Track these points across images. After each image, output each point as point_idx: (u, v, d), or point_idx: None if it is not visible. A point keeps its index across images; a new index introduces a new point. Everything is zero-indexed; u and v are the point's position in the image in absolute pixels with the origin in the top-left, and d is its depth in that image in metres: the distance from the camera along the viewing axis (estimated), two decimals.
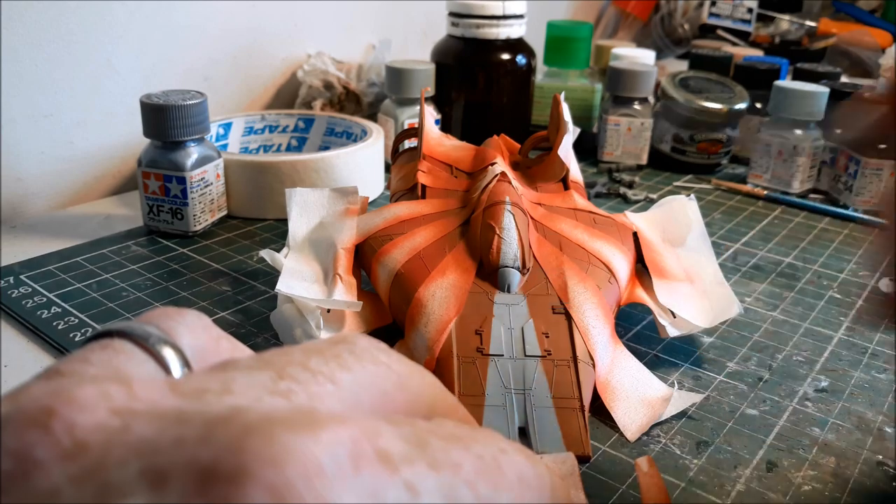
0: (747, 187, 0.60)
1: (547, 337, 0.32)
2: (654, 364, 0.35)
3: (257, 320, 0.38)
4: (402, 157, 0.46)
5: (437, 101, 0.64)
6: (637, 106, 0.64)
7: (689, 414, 0.31)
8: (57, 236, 0.48)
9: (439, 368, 0.31)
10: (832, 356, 0.37)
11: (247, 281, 0.42)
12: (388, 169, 0.60)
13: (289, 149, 0.62)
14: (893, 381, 0.34)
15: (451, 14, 0.64)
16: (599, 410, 0.31)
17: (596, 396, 0.31)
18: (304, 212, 0.39)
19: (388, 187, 0.57)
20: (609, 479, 0.27)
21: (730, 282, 0.44)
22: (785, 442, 0.30)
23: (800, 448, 0.29)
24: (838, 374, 0.35)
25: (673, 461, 0.28)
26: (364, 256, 0.37)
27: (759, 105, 0.67)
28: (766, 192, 0.59)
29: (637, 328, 0.38)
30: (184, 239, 0.47)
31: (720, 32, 1.00)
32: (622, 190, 0.59)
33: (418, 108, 0.60)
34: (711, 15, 1.00)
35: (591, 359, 0.31)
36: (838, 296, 0.43)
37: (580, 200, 0.40)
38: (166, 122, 0.45)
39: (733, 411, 0.32)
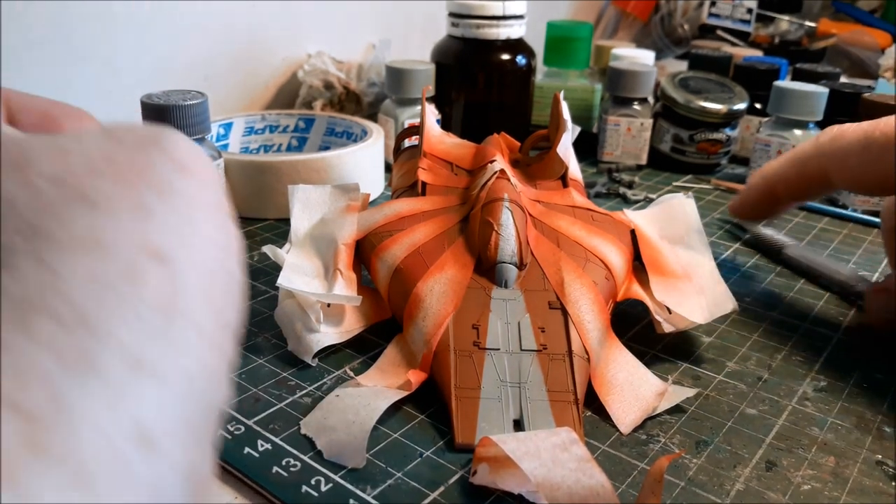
0: None
1: (543, 331, 0.32)
2: (653, 363, 0.35)
3: (257, 320, 0.38)
4: (403, 155, 0.46)
5: (437, 101, 0.64)
6: (637, 106, 0.64)
7: (689, 413, 0.31)
8: None
9: (436, 362, 0.31)
10: (832, 356, 0.36)
11: (247, 281, 0.42)
12: (388, 169, 0.60)
13: (289, 149, 0.62)
14: (893, 381, 0.34)
15: (451, 14, 0.64)
16: (600, 411, 0.31)
17: (593, 393, 0.31)
18: (306, 208, 0.39)
19: (388, 186, 0.57)
20: (609, 479, 0.27)
21: (729, 282, 0.44)
22: (784, 441, 0.30)
23: (799, 448, 0.29)
24: (838, 373, 0.35)
25: (673, 461, 0.28)
26: (364, 252, 0.37)
27: (758, 105, 0.67)
28: None
29: (637, 328, 0.38)
30: None
31: (720, 33, 1.00)
32: (622, 190, 0.59)
33: (418, 108, 0.60)
34: (711, 15, 1.00)
35: (587, 353, 0.32)
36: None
37: (579, 198, 0.41)
38: (167, 122, 0.45)
39: (732, 411, 0.32)
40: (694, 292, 0.36)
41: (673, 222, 0.40)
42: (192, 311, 0.14)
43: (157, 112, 0.45)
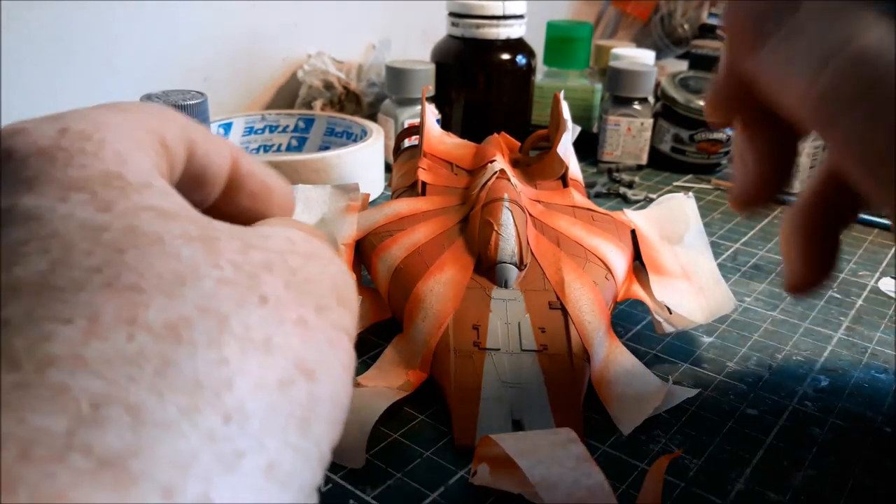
0: None
1: (543, 332, 0.32)
2: (653, 363, 0.35)
3: None
4: (403, 155, 0.46)
5: (437, 101, 0.64)
6: (637, 106, 0.64)
7: (689, 414, 0.31)
8: None
9: (436, 362, 0.31)
10: (832, 356, 0.36)
11: None
12: (388, 169, 0.60)
13: (289, 149, 0.62)
14: (893, 381, 0.34)
15: (451, 14, 0.64)
16: (600, 411, 0.31)
17: (593, 394, 0.31)
18: (306, 208, 0.39)
19: (388, 186, 0.57)
20: (608, 479, 0.27)
21: (729, 282, 0.44)
22: (785, 442, 0.30)
23: (800, 448, 0.29)
24: (838, 374, 0.35)
25: (673, 461, 0.28)
26: (364, 252, 0.37)
27: None
28: None
29: (637, 328, 0.38)
30: None
31: (720, 32, 1.00)
32: (622, 190, 0.59)
33: (418, 108, 0.60)
34: (711, 15, 1.00)
35: (587, 353, 0.31)
36: (838, 296, 0.43)
37: (579, 198, 0.41)
38: None
39: (733, 411, 0.32)
40: (694, 292, 0.36)
41: (673, 222, 0.40)
42: (317, 431, 0.14)
43: None
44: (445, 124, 0.65)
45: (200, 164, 0.19)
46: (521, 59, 0.65)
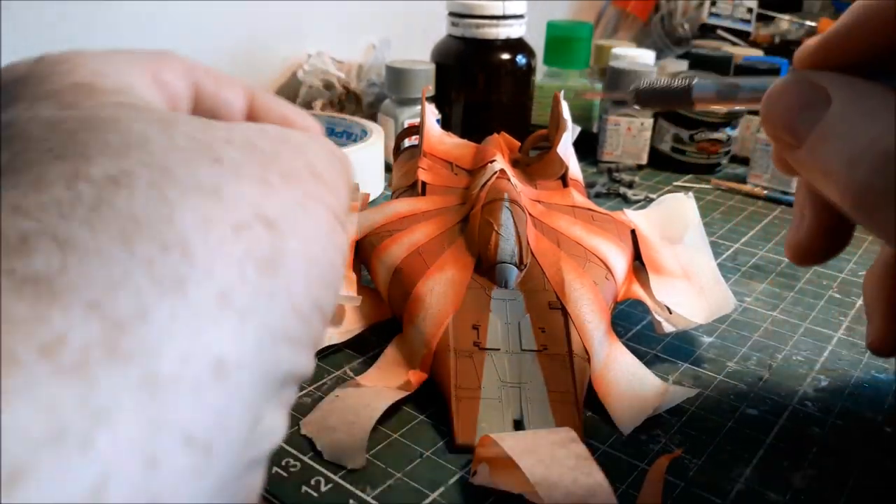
0: (747, 187, 0.60)
1: (543, 332, 0.32)
2: (653, 363, 0.35)
3: None
4: (403, 155, 0.46)
5: (437, 101, 0.64)
6: (637, 106, 0.64)
7: (689, 413, 0.31)
8: None
9: (436, 362, 0.31)
10: (832, 356, 0.36)
11: None
12: (388, 169, 0.60)
13: None
14: (893, 381, 0.34)
15: (451, 14, 0.64)
16: (600, 411, 0.31)
17: (593, 394, 0.31)
18: None
19: (388, 186, 0.57)
20: (608, 479, 0.27)
21: (729, 282, 0.44)
22: (785, 442, 0.30)
23: (800, 448, 0.29)
24: (838, 373, 0.35)
25: (673, 461, 0.28)
26: (364, 252, 0.37)
27: None
28: (766, 192, 0.59)
29: (637, 328, 0.38)
30: None
31: (720, 32, 1.00)
32: (622, 190, 0.59)
33: (418, 108, 0.60)
34: (711, 15, 1.00)
35: (587, 353, 0.31)
36: (838, 296, 0.43)
37: (579, 198, 0.41)
38: None
39: (733, 411, 0.32)
40: (694, 292, 0.36)
41: (673, 222, 0.40)
42: (286, 278, 0.15)
43: None
44: (445, 124, 0.65)
45: (212, 103, 0.20)
46: (521, 59, 0.65)
